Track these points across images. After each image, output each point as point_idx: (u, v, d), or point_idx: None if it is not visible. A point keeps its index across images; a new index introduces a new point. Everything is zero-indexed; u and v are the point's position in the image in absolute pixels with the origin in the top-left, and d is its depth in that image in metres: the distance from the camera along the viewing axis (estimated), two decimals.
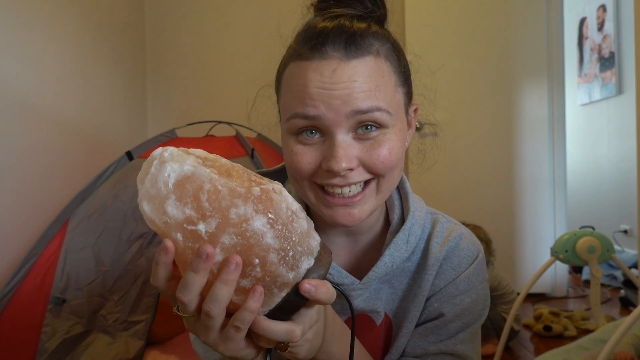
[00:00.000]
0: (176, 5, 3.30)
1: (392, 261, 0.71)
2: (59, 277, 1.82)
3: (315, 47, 0.62)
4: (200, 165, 0.48)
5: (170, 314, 2.04)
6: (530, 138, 2.94)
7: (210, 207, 0.47)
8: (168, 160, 0.48)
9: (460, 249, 0.75)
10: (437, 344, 0.73)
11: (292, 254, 0.48)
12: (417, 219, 0.75)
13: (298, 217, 0.50)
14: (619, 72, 3.74)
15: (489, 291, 0.78)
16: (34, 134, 2.19)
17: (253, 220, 0.47)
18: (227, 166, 0.52)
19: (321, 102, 0.60)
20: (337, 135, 0.61)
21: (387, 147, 0.62)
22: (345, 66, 0.60)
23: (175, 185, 0.47)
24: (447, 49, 2.83)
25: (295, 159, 0.63)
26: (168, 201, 0.47)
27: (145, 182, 0.49)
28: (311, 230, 0.52)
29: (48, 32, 2.31)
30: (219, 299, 0.47)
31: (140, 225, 1.90)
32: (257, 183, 0.50)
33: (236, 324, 0.48)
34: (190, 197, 0.47)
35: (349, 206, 0.64)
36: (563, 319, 2.35)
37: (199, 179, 0.47)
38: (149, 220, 0.49)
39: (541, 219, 2.93)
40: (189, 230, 0.47)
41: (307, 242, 0.50)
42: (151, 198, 0.48)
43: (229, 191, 0.47)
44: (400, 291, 0.75)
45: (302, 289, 0.49)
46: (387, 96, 0.63)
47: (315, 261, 0.51)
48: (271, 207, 0.48)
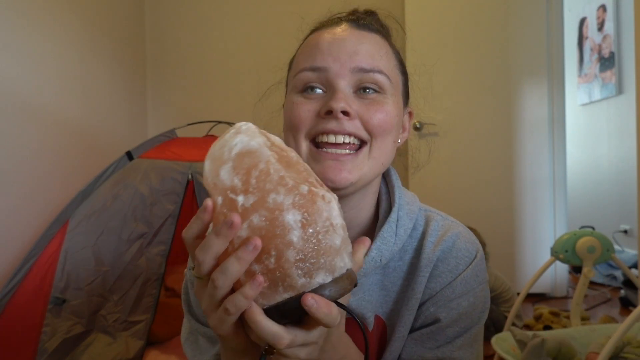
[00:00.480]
0: (176, 5, 3.30)
1: (380, 255, 0.69)
2: (59, 277, 1.82)
3: (331, 20, 0.72)
4: (265, 147, 0.51)
5: (170, 314, 2.04)
6: (530, 138, 2.94)
7: (255, 185, 0.48)
8: (242, 132, 0.52)
9: (457, 249, 0.71)
10: (434, 350, 0.70)
11: (311, 262, 0.48)
12: (407, 212, 0.73)
13: (335, 232, 0.49)
14: (619, 72, 3.74)
15: (488, 293, 0.74)
16: (34, 134, 2.19)
17: (286, 212, 0.48)
18: (292, 159, 0.53)
19: (329, 55, 0.66)
20: (340, 84, 0.66)
21: (384, 110, 0.67)
22: (355, 31, 0.69)
23: (236, 155, 0.50)
24: (447, 49, 2.83)
25: (296, 108, 0.67)
26: (225, 166, 0.50)
27: (216, 144, 0.52)
28: (344, 252, 0.51)
29: (48, 32, 2.31)
30: (228, 272, 0.47)
31: (140, 225, 1.90)
32: (310, 184, 0.51)
33: (227, 306, 0.48)
34: (244, 170, 0.49)
35: (339, 161, 0.65)
36: (563, 319, 2.35)
37: (258, 157, 0.50)
38: (204, 177, 0.51)
39: (541, 219, 2.93)
40: (229, 197, 0.49)
41: (332, 259, 0.49)
42: (214, 159, 0.51)
43: (278, 178, 0.49)
44: (393, 293, 0.72)
45: (304, 299, 0.47)
46: (389, 68, 0.69)
47: (333, 281, 0.49)
48: (310, 209, 0.48)
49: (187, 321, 0.78)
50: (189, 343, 0.77)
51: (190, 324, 0.77)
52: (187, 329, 0.78)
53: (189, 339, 0.77)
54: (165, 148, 2.13)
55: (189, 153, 2.08)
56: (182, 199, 1.95)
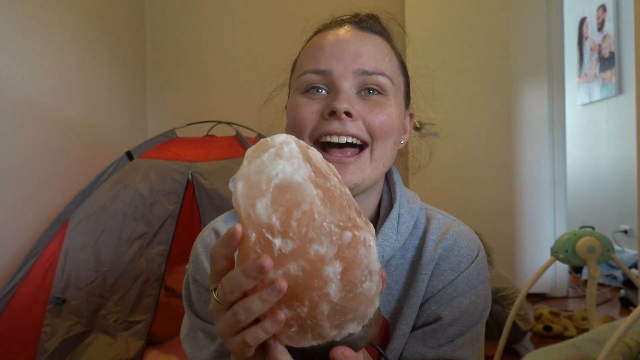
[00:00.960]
0: (176, 5, 3.30)
1: (382, 251, 0.70)
2: (59, 277, 1.82)
3: (334, 23, 0.73)
4: (310, 182, 0.45)
5: (170, 314, 2.04)
6: (530, 138, 2.94)
7: (296, 230, 0.44)
8: (284, 157, 0.46)
9: (458, 247, 0.72)
10: (436, 349, 0.70)
11: (345, 314, 0.46)
12: (408, 209, 0.73)
13: (371, 280, 0.47)
14: (619, 72, 3.74)
15: (490, 291, 0.75)
16: (34, 134, 2.19)
17: (327, 265, 0.44)
18: (335, 192, 0.47)
19: (333, 57, 0.67)
20: (343, 86, 0.67)
21: (386, 112, 0.67)
22: (358, 32, 0.70)
23: (277, 187, 0.44)
24: (447, 49, 2.83)
25: (300, 109, 0.68)
26: (262, 198, 0.44)
27: (252, 166, 0.46)
28: (376, 296, 0.48)
29: (48, 32, 2.31)
30: (250, 310, 0.45)
31: (140, 225, 1.90)
32: (353, 225, 0.46)
33: (246, 338, 0.46)
34: (284, 208, 0.44)
35: (343, 164, 0.66)
36: (563, 319, 2.35)
37: (302, 195, 0.44)
38: (235, 201, 0.46)
39: (541, 219, 2.93)
40: (265, 237, 0.44)
41: (364, 308, 0.47)
42: (249, 184, 0.45)
43: (322, 224, 0.44)
44: (396, 292, 0.72)
45: (333, 353, 0.47)
46: (392, 70, 0.70)
47: (362, 329, 0.48)
48: (352, 261, 0.45)
49: (187, 317, 0.78)
50: (188, 339, 0.77)
51: (191, 319, 0.77)
52: (187, 325, 0.78)
53: (189, 335, 0.77)
54: (165, 148, 2.13)
55: (189, 153, 2.08)
56: (182, 199, 1.95)
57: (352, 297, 0.45)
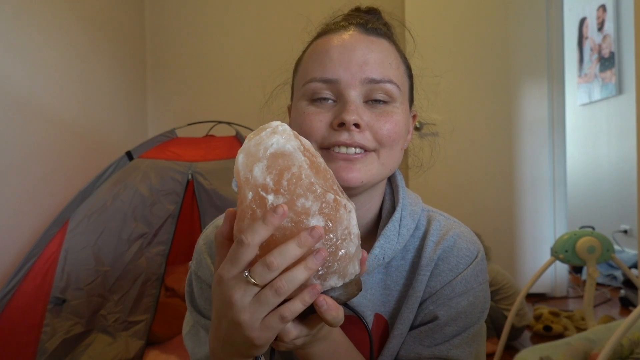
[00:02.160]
0: (176, 6, 3.30)
1: (383, 253, 0.70)
2: (59, 277, 1.82)
3: (339, 25, 0.71)
4: (299, 151, 0.53)
5: (170, 314, 2.04)
6: (530, 138, 2.94)
7: (286, 187, 0.51)
8: (279, 133, 0.53)
9: (457, 248, 0.72)
10: (431, 348, 0.71)
11: (327, 265, 0.51)
12: (410, 212, 0.74)
13: (351, 240, 0.52)
14: (619, 72, 3.74)
15: (489, 293, 0.75)
16: (34, 134, 2.19)
17: (312, 217, 0.50)
18: (320, 166, 0.55)
19: (340, 66, 0.66)
20: (350, 95, 0.66)
21: (393, 120, 0.67)
22: (365, 39, 0.68)
23: (271, 155, 0.51)
24: (447, 49, 2.83)
25: (307, 118, 0.67)
26: (259, 164, 0.51)
27: (252, 141, 0.53)
28: (356, 258, 0.54)
29: (48, 32, 2.31)
30: (295, 281, 0.48)
31: (140, 225, 1.90)
32: (335, 192, 0.53)
33: (285, 313, 0.49)
34: (277, 170, 0.51)
35: (351, 161, 0.66)
36: (563, 319, 2.35)
37: (292, 160, 0.52)
38: (236, 170, 0.53)
39: (541, 219, 2.93)
40: (260, 194, 0.51)
41: (345, 265, 0.52)
42: (249, 154, 0.52)
43: (308, 183, 0.51)
44: (396, 292, 0.73)
45: (316, 301, 0.50)
46: (398, 76, 0.69)
47: (343, 285, 0.53)
48: (333, 218, 0.51)
49: (189, 314, 0.79)
50: (190, 336, 0.77)
51: (193, 316, 0.77)
52: (189, 322, 0.79)
53: (191, 332, 0.78)
54: (165, 148, 2.13)
55: (189, 153, 2.08)
56: (182, 199, 1.95)
57: (333, 250, 0.51)
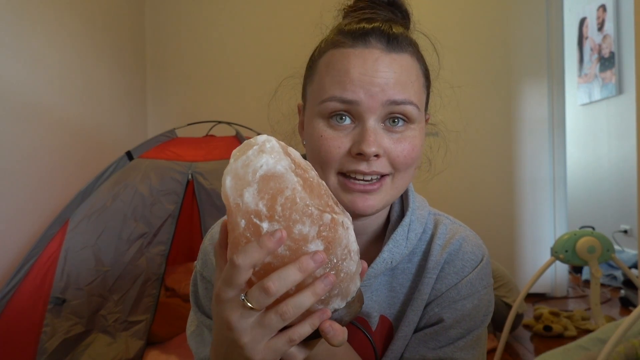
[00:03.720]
0: (176, 5, 3.30)
1: (392, 257, 0.71)
2: (59, 277, 1.82)
3: (359, 37, 0.66)
4: (290, 171, 0.50)
5: (170, 314, 2.04)
6: (530, 138, 2.94)
7: (281, 213, 0.48)
8: (267, 151, 0.49)
9: (463, 252, 0.73)
10: (436, 350, 0.71)
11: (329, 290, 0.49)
12: (418, 217, 0.74)
13: (351, 259, 0.51)
14: (619, 72, 3.74)
15: (493, 296, 0.76)
16: (34, 134, 2.19)
17: (310, 243, 0.48)
18: (313, 182, 0.52)
19: (361, 88, 0.63)
20: (369, 121, 0.64)
21: (411, 143, 0.66)
22: (386, 57, 0.65)
23: (261, 178, 0.48)
24: (447, 49, 2.83)
25: (325, 143, 0.65)
26: (249, 188, 0.48)
27: (239, 161, 0.50)
28: (357, 274, 0.52)
29: (48, 32, 2.31)
30: (301, 306, 0.48)
31: (140, 225, 1.90)
32: (331, 210, 0.51)
33: (293, 336, 0.49)
34: (269, 195, 0.48)
35: (367, 193, 0.65)
36: (563, 319, 2.35)
37: (284, 182, 0.49)
38: (224, 194, 0.50)
39: (541, 219, 2.93)
40: (253, 222, 0.48)
41: (347, 285, 0.51)
42: (236, 177, 0.49)
43: (303, 207, 0.48)
44: (401, 294, 0.74)
45: (322, 327, 0.50)
46: (418, 93, 0.67)
47: (346, 305, 0.52)
48: (332, 239, 0.49)
49: (193, 314, 0.79)
50: (194, 336, 0.77)
51: (197, 316, 0.77)
52: (193, 322, 0.79)
53: (195, 332, 0.78)
54: (165, 148, 2.13)
55: (189, 153, 2.08)
56: (182, 199, 1.95)
57: (334, 273, 0.49)
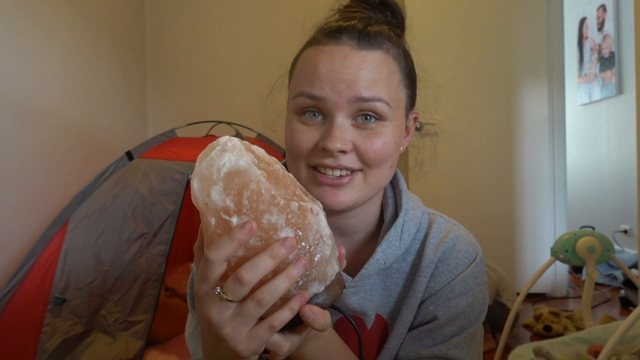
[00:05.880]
0: (176, 6, 3.30)
1: (385, 258, 0.71)
2: (59, 277, 1.82)
3: (332, 34, 0.66)
4: (254, 165, 0.51)
5: (170, 314, 2.04)
6: (530, 138, 2.94)
7: (248, 206, 0.49)
8: (229, 150, 0.51)
9: (457, 250, 0.73)
10: (431, 348, 0.72)
11: (305, 274, 0.50)
12: (412, 217, 0.74)
13: (324, 243, 0.52)
14: (619, 72, 3.74)
15: (487, 294, 0.76)
16: (34, 134, 2.19)
17: (280, 231, 0.49)
18: (278, 174, 0.53)
19: (327, 84, 0.63)
20: (337, 117, 0.64)
21: (382, 140, 0.65)
22: (355, 54, 0.64)
23: (226, 175, 0.50)
24: (447, 49, 2.83)
25: (295, 136, 0.66)
26: (215, 187, 0.49)
27: (203, 163, 0.51)
28: (333, 258, 0.53)
29: (48, 32, 2.31)
30: (277, 291, 0.48)
31: (140, 225, 1.90)
32: (299, 198, 0.52)
33: (274, 323, 0.49)
34: (235, 190, 0.49)
35: (336, 187, 0.66)
36: (563, 319, 2.35)
37: (248, 177, 0.50)
38: (193, 197, 0.51)
39: (541, 219, 2.93)
40: (222, 218, 0.49)
41: (323, 268, 0.52)
42: (202, 178, 0.51)
43: (270, 197, 0.49)
44: (395, 293, 0.74)
45: (302, 312, 0.50)
46: (390, 91, 0.66)
47: (325, 289, 0.52)
48: (302, 226, 0.50)
49: (191, 316, 0.79)
50: (192, 337, 0.78)
51: (195, 317, 0.77)
52: (191, 324, 0.79)
53: (193, 334, 0.78)
54: (165, 148, 2.13)
55: (189, 153, 2.08)
56: (182, 199, 1.95)
57: (309, 258, 0.50)
